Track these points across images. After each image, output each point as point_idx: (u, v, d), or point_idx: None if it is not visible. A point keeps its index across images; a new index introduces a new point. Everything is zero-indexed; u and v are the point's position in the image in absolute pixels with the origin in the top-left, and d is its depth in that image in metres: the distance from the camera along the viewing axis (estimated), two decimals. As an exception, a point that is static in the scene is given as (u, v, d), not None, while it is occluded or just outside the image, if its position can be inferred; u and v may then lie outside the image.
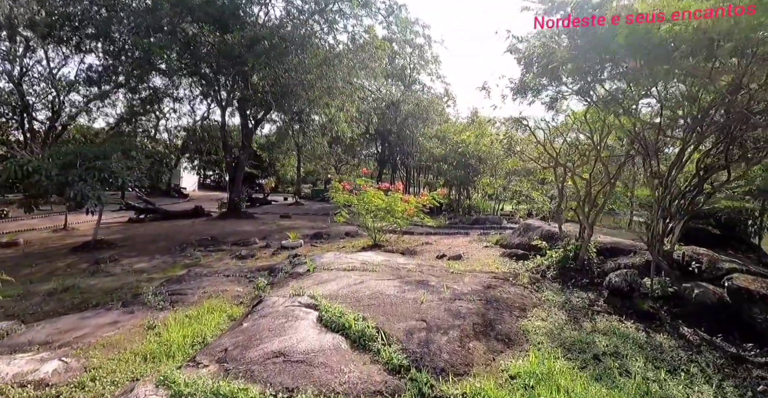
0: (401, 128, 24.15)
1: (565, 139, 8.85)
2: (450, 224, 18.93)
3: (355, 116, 20.11)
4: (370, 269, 8.18)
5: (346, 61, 17.94)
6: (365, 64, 19.01)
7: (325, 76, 15.95)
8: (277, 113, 19.28)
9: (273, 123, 22.42)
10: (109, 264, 12.95)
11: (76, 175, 12.47)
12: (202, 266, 12.34)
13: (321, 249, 13.40)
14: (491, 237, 13.91)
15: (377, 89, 23.15)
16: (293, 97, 15.65)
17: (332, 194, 13.00)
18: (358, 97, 19.58)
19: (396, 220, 12.43)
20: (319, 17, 17.17)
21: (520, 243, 11.31)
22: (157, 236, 17.38)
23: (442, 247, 12.25)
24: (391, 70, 31.37)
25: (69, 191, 12.10)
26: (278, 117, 20.42)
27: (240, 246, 14.87)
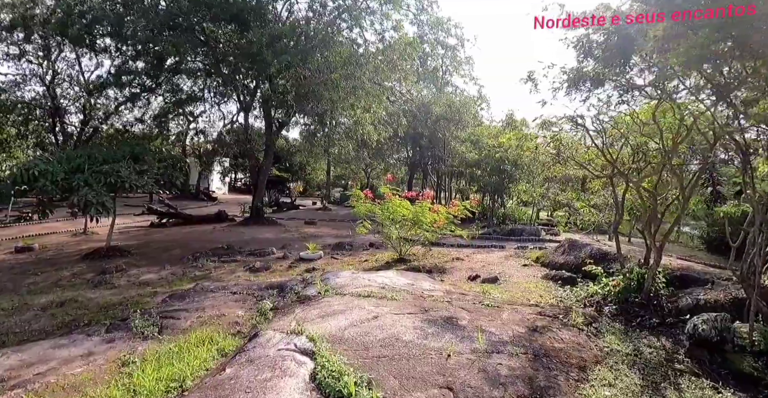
0: (432, 131, 22.68)
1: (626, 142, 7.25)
2: (483, 235, 17.37)
3: (384, 118, 18.77)
4: (388, 296, 6.79)
5: (373, 59, 16.70)
6: (394, 63, 17.68)
7: (351, 75, 14.71)
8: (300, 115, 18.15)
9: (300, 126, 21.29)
10: (116, 274, 11.99)
11: (82, 180, 11.53)
12: (211, 279, 11.25)
13: (341, 263, 12.12)
14: (530, 252, 12.35)
15: (407, 90, 21.75)
16: (315, 98, 14.46)
17: (353, 203, 11.69)
18: (386, 98, 18.28)
19: (424, 233, 11.01)
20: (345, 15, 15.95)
21: (565, 262, 9.73)
22: (173, 243, 16.43)
23: (475, 265, 10.77)
24: (422, 72, 30.00)
25: (72, 197, 11.16)
26: (303, 119, 19.25)
27: (256, 257, 13.73)
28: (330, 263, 12.35)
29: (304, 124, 20.25)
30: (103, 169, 11.70)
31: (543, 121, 7.09)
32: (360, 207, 11.22)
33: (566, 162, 8.45)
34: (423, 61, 33.11)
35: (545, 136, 8.10)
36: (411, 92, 22.04)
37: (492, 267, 10.23)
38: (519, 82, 7.61)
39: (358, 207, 11.26)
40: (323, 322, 5.77)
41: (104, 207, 11.29)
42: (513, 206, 22.62)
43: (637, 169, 7.19)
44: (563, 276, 8.64)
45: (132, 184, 11.89)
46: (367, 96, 15.76)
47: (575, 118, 6.84)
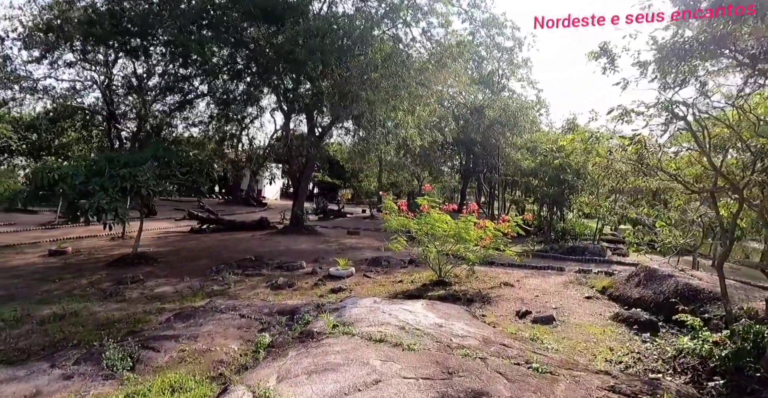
0: (486, 137, 20.69)
1: (744, 145, 5.21)
2: (539, 252, 15.27)
3: (431, 122, 17.02)
4: (405, 344, 5.12)
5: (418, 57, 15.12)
6: (443, 63, 15.99)
7: (392, 74, 13.18)
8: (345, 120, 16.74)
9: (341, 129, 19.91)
10: (131, 285, 11.09)
11: (98, 184, 10.59)
12: (227, 296, 10.10)
13: (371, 284, 10.57)
14: (594, 279, 10.29)
15: (459, 92, 19.92)
16: (354, 99, 13.01)
17: (384, 217, 10.08)
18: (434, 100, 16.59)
19: (467, 253, 9.21)
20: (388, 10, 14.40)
21: (641, 298, 7.67)
22: (204, 251, 15.43)
23: (527, 293, 8.86)
24: (478, 77, 28.05)
25: (84, 202, 10.22)
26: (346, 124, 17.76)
27: (282, 271, 12.42)
28: (360, 282, 10.83)
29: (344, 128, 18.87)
30: (120, 172, 10.71)
31: (623, 112, 5.17)
32: (392, 221, 9.58)
33: (651, 172, 6.45)
34: (478, 64, 31.17)
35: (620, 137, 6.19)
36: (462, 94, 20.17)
37: (547, 299, 8.30)
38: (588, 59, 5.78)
39: (390, 222, 9.62)
40: (306, 384, 4.18)
41: (117, 214, 10.24)
42: (573, 220, 20.23)
43: (760, 183, 5.12)
44: (640, 318, 6.61)
45: (150, 190, 10.82)
46: (411, 97, 14.15)
47: (673, 105, 4.87)
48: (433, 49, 17.81)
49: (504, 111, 20.20)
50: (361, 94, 12.65)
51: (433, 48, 18.05)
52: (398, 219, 9.63)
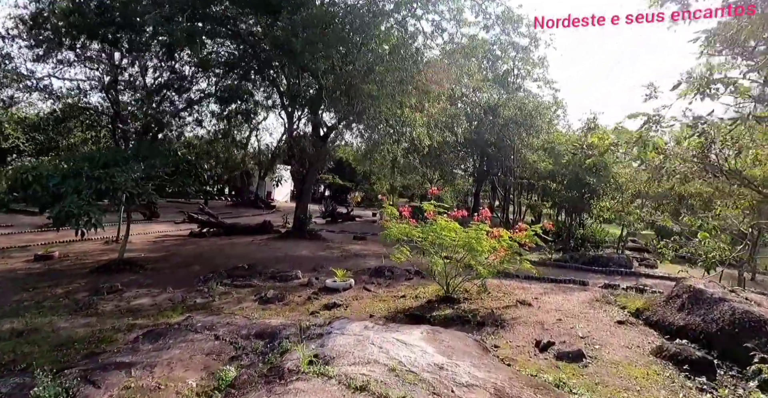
0: (500, 138, 19.29)
1: None
2: (558, 262, 13.89)
3: (442, 121, 15.67)
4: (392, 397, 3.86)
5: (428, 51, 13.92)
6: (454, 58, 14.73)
7: (399, 68, 11.94)
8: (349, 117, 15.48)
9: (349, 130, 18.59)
10: (107, 296, 10.06)
11: (72, 186, 9.51)
12: (208, 311, 9.03)
13: (370, 299, 9.35)
14: (624, 297, 8.90)
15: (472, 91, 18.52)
16: (354, 94, 11.78)
17: (384, 224, 8.81)
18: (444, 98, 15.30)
19: (478, 267, 7.90)
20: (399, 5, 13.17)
21: (686, 326, 6.30)
22: (197, 257, 14.33)
23: (547, 315, 7.53)
24: (492, 76, 26.64)
25: (56, 206, 9.15)
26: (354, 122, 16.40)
27: (275, 282, 11.26)
28: (358, 297, 9.61)
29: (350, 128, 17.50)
30: (95, 173, 9.62)
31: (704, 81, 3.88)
32: (392, 229, 8.28)
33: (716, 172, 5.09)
34: (492, 63, 29.77)
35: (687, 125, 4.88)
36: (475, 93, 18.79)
37: (572, 323, 6.96)
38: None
39: (390, 230, 8.33)
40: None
41: (89, 219, 9.14)
42: (594, 226, 18.73)
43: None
44: (691, 356, 5.23)
45: (128, 192, 9.71)
46: (419, 93, 12.90)
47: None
48: (444, 44, 16.52)
49: (520, 110, 18.78)
50: (364, 89, 11.42)
51: (444, 43, 16.76)
52: (399, 226, 8.35)
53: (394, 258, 8.76)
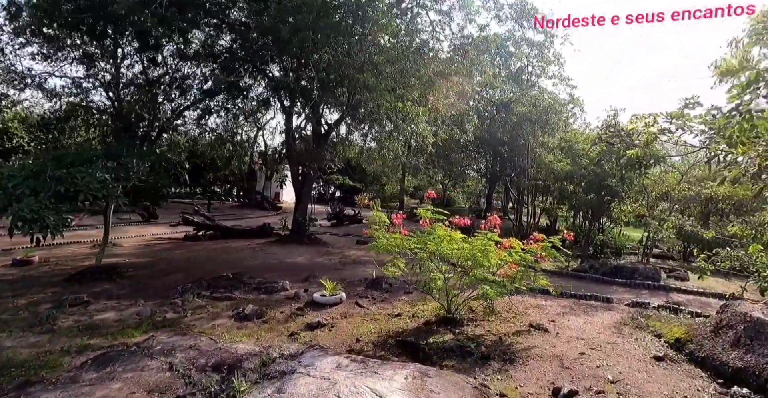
0: (513, 136, 17.83)
1: None
2: (576, 272, 12.46)
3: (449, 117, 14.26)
4: None
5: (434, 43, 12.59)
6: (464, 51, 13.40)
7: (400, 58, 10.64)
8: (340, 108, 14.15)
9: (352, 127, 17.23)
10: (70, 309, 8.91)
11: (29, 187, 8.39)
12: (176, 330, 7.88)
13: (361, 318, 8.10)
14: (657, 320, 7.47)
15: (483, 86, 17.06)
16: (349, 85, 10.48)
17: (371, 232, 7.49)
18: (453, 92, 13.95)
19: (484, 286, 6.55)
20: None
21: (746, 368, 4.92)
22: (183, 263, 13.16)
23: (566, 346, 6.17)
24: (505, 73, 25.18)
25: (8, 210, 8.03)
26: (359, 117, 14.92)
27: (259, 294, 10.03)
28: (347, 314, 8.35)
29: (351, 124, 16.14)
30: (56, 174, 8.49)
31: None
32: (381, 241, 6.96)
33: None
34: (506, 59, 28.29)
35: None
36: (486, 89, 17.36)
37: (598, 358, 5.60)
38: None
39: (379, 241, 7.00)
40: None
41: (45, 225, 8.00)
42: (615, 232, 17.22)
43: None
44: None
45: (91, 194, 8.56)
46: (423, 85, 11.57)
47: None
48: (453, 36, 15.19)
49: (534, 106, 17.33)
50: (360, 79, 10.13)
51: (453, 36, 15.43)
52: (390, 237, 7.04)
53: (388, 272, 7.46)
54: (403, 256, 7.49)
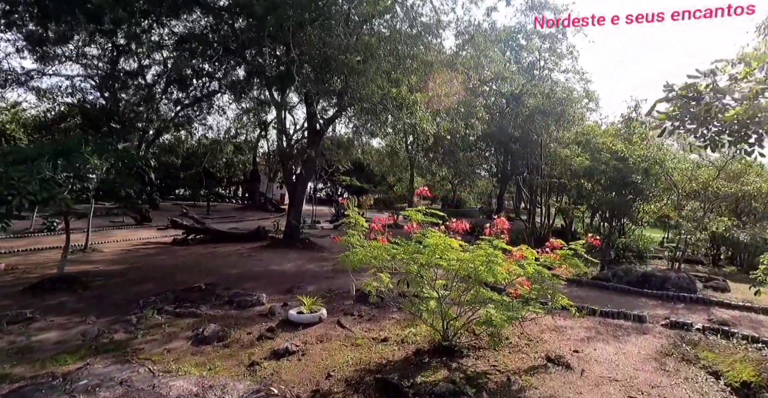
0: (525, 131, 16.13)
1: None
2: (597, 280, 10.83)
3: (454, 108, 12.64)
4: None
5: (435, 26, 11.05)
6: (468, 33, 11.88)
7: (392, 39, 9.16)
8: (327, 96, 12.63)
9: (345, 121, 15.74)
10: (8, 328, 7.61)
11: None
12: (119, 355, 6.65)
13: (340, 344, 6.68)
14: (709, 350, 5.86)
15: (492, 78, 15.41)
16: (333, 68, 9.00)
17: (345, 240, 5.98)
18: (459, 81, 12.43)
19: (489, 312, 5.01)
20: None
21: None
22: (157, 272, 11.77)
23: (598, 395, 4.59)
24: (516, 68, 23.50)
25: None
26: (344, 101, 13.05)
27: (230, 308, 8.62)
28: (325, 337, 6.90)
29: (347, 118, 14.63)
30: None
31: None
32: (356, 252, 5.45)
33: None
34: (516, 52, 26.65)
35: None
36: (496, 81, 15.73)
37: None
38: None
39: (354, 252, 5.50)
40: None
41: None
42: (637, 234, 15.47)
43: None
44: None
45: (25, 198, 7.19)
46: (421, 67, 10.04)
47: None
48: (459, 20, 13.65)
49: (548, 98, 15.65)
50: (345, 61, 8.63)
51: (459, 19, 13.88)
52: (368, 247, 5.53)
53: (367, 287, 5.98)
54: (387, 269, 6.00)
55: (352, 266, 5.41)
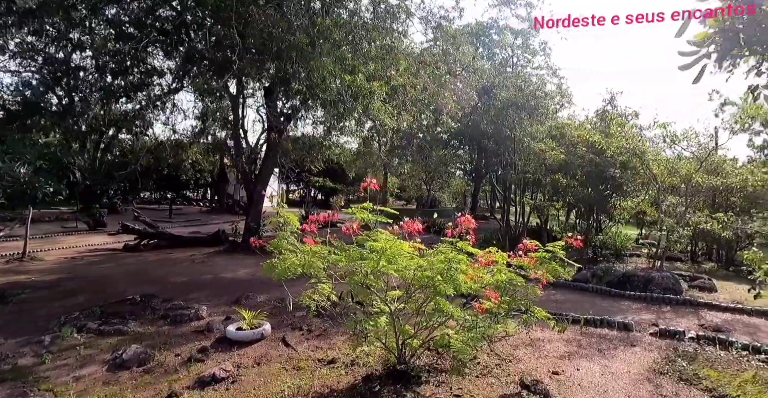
0: (498, 126, 15.23)
1: None
2: (576, 282, 9.94)
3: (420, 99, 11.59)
4: None
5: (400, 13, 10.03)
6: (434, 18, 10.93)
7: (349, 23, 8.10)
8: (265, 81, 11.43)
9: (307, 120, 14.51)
10: None
11: None
12: (16, 385, 5.74)
13: (281, 366, 5.67)
14: (711, 367, 4.95)
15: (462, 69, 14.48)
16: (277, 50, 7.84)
17: (276, 243, 4.90)
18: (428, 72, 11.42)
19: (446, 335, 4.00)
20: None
21: None
22: (95, 283, 10.48)
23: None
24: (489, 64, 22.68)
25: None
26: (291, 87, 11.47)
27: (164, 323, 7.49)
28: (263, 358, 5.84)
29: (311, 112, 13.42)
30: None
31: None
32: (285, 259, 4.39)
33: None
34: (489, 49, 25.92)
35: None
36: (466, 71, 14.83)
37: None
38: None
39: (285, 258, 4.43)
40: None
41: None
42: (614, 231, 14.70)
43: None
44: None
45: None
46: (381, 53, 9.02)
47: None
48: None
49: (520, 90, 14.79)
50: (290, 41, 7.53)
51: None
52: (301, 252, 4.48)
53: (305, 300, 4.93)
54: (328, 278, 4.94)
55: (278, 276, 4.31)
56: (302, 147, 17.53)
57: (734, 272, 12.90)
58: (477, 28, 23.67)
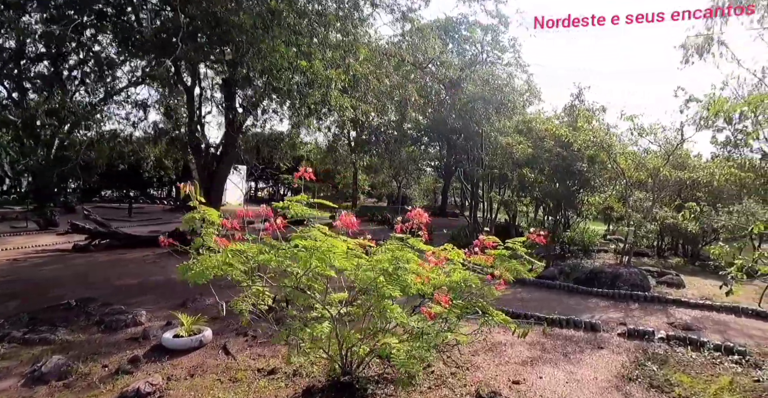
0: (465, 121, 14.79)
1: None
2: (543, 279, 9.57)
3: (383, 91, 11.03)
4: None
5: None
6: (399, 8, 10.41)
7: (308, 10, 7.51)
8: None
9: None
10: None
11: None
12: None
13: (215, 377, 5.05)
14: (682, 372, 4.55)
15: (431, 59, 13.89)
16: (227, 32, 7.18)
17: (197, 242, 4.31)
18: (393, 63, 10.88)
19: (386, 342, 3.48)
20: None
21: None
22: (33, 286, 9.58)
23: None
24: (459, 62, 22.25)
25: None
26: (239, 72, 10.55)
27: (98, 331, 6.78)
28: (198, 369, 5.23)
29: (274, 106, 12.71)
30: None
31: None
32: (203, 261, 3.80)
33: None
34: (459, 45, 25.54)
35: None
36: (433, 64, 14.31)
37: None
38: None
39: (202, 260, 3.84)
40: None
41: None
42: (581, 227, 14.46)
43: None
44: None
45: None
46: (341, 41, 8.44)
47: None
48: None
49: (486, 83, 14.38)
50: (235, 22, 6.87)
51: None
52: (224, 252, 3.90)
53: (237, 306, 4.33)
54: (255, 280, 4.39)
55: (193, 278, 3.71)
56: (266, 143, 16.81)
57: (700, 267, 12.81)
58: (446, 22, 23.20)
